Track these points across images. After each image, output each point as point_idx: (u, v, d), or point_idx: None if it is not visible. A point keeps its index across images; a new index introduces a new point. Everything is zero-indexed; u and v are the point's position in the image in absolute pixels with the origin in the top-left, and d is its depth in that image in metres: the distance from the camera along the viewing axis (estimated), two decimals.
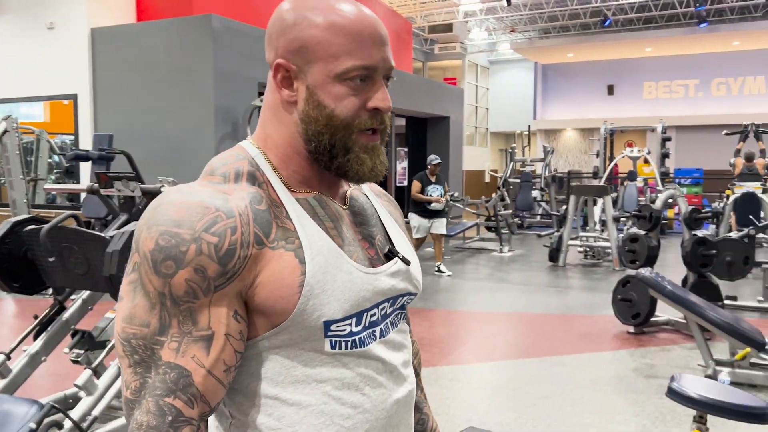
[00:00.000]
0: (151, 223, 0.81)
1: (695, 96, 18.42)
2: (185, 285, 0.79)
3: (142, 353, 0.79)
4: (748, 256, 5.75)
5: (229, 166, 0.88)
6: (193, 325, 0.80)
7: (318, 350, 0.86)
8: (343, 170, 0.91)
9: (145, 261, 0.80)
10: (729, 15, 16.87)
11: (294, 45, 0.88)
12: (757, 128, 10.23)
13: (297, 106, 0.89)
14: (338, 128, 0.88)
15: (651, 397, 3.77)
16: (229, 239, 0.80)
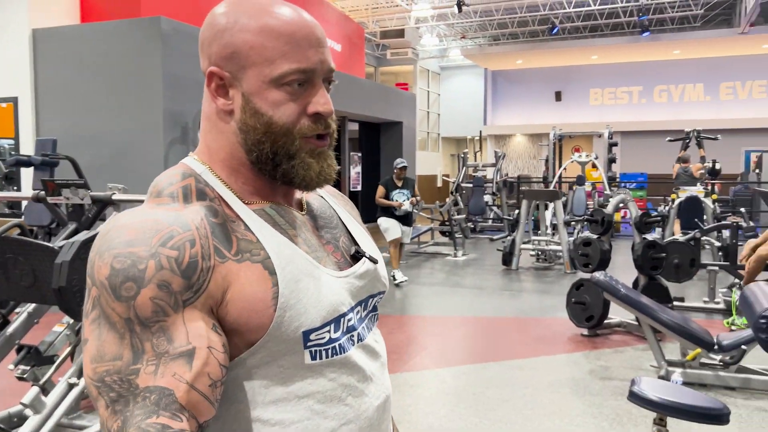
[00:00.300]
0: (102, 250, 0.76)
1: (639, 102, 19.00)
2: (151, 304, 0.73)
3: (118, 389, 0.73)
4: (695, 259, 5.93)
5: (176, 185, 0.84)
6: (170, 344, 0.74)
7: (298, 364, 0.83)
8: (288, 177, 0.87)
9: (104, 290, 0.74)
10: (670, 25, 17.49)
11: (226, 51, 0.84)
12: (699, 134, 10.59)
13: (234, 115, 0.85)
14: (278, 135, 0.84)
15: (608, 399, 3.83)
16: (189, 252, 0.76)
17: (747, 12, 13.87)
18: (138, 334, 0.73)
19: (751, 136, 16.60)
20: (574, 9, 15.98)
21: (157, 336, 0.74)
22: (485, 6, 16.08)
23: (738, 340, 3.91)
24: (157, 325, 0.74)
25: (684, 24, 17.39)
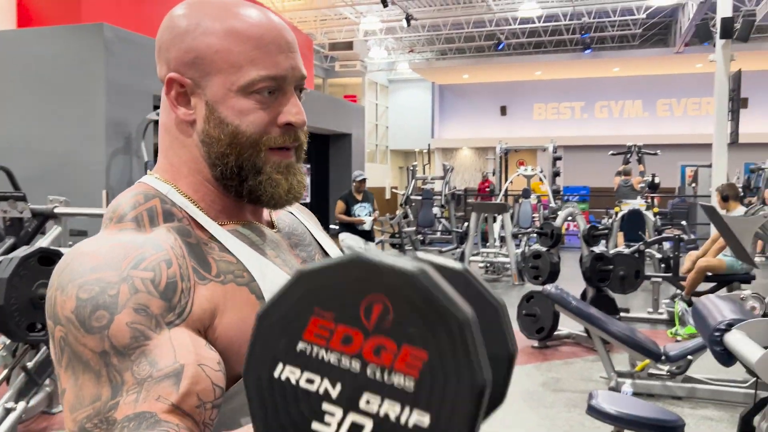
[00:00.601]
0: (64, 283, 0.68)
1: (581, 117, 19.53)
2: (128, 329, 0.65)
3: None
4: (639, 270, 6.08)
5: (140, 208, 0.76)
6: (152, 367, 0.65)
7: None
8: (255, 194, 0.80)
9: (71, 326, 0.66)
10: (610, 43, 18.09)
11: (188, 56, 0.76)
12: (639, 149, 10.95)
13: (196, 126, 0.78)
14: (244, 147, 0.77)
15: (561, 411, 3.85)
16: (166, 272, 0.69)
17: (682, 32, 14.47)
18: (115, 366, 0.65)
19: (686, 151, 17.25)
20: (520, 26, 16.35)
21: (137, 363, 0.65)
22: (433, 20, 16.28)
23: (684, 351, 4.00)
24: (138, 350, 0.66)
25: (623, 42, 18.02)
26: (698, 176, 14.07)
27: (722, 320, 2.21)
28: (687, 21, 13.54)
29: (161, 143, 0.83)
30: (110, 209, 0.78)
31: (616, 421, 2.33)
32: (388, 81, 21.82)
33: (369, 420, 0.41)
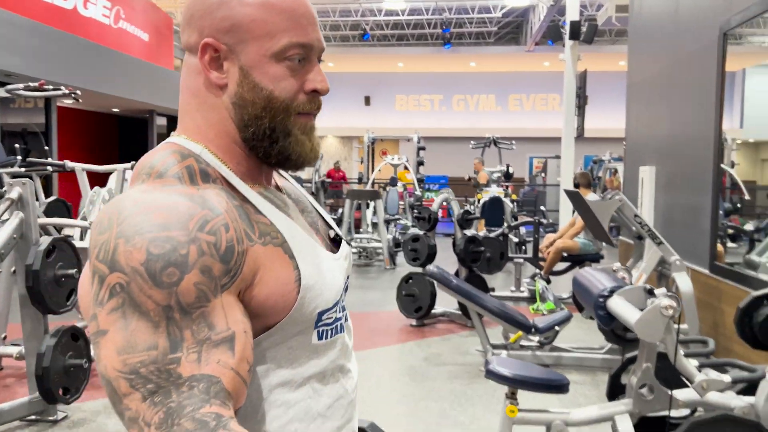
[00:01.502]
0: (129, 234, 0.69)
1: (440, 110, 20.35)
2: (195, 289, 0.69)
3: (156, 380, 0.67)
4: (504, 252, 6.53)
5: (179, 165, 0.78)
6: (210, 330, 0.70)
7: (305, 345, 0.83)
8: (285, 155, 0.85)
9: (137, 276, 0.68)
10: (468, 39, 18.99)
11: (225, 23, 0.80)
12: (497, 142, 11.68)
13: (227, 90, 0.82)
14: (278, 111, 0.83)
15: (444, 383, 4.10)
16: (225, 236, 0.73)
17: (533, 33, 15.55)
18: (177, 321, 0.69)
19: (534, 143, 18.57)
20: (384, 17, 16.70)
21: (197, 323, 0.69)
22: None
23: (551, 323, 4.40)
24: (199, 311, 0.70)
25: (480, 39, 19.00)
26: (547, 167, 15.23)
27: (604, 288, 2.50)
28: (538, 22, 14.57)
29: (186, 106, 0.85)
30: (145, 165, 0.79)
31: (513, 383, 2.55)
32: None
33: None
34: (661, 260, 4.46)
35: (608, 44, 16.93)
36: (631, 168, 7.05)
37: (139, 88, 11.61)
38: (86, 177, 4.53)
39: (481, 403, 3.76)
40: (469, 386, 4.05)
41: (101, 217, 0.73)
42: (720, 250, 4.80)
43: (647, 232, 4.43)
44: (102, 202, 4.07)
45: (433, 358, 4.65)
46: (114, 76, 10.74)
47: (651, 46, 6.65)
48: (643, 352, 2.55)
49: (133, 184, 0.79)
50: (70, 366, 3.38)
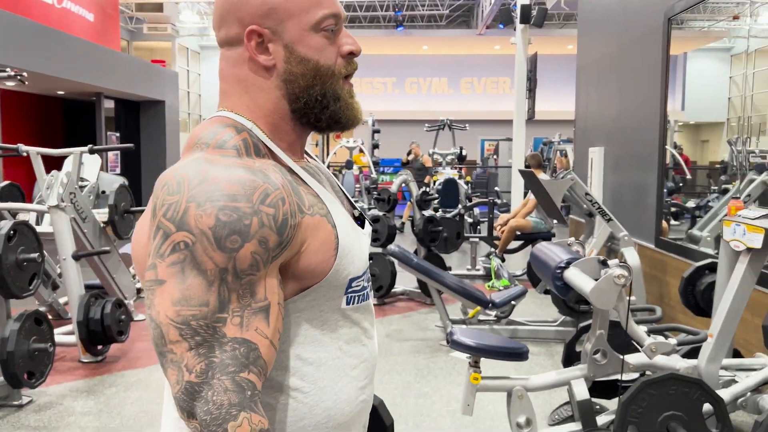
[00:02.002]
0: (202, 200, 0.77)
1: (393, 93, 20.41)
2: (250, 258, 0.77)
3: (203, 333, 0.75)
4: (460, 232, 6.71)
5: (237, 138, 0.86)
6: (252, 298, 0.78)
7: (335, 309, 0.91)
8: (335, 118, 0.93)
9: (204, 238, 0.76)
10: (420, 22, 19.07)
11: (263, 8, 0.88)
12: (450, 124, 11.84)
13: (276, 69, 0.90)
14: (326, 77, 0.91)
15: (408, 357, 4.23)
16: (282, 210, 0.81)
17: (484, 16, 15.73)
18: (228, 283, 0.76)
19: (485, 126, 18.85)
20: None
21: (243, 288, 0.77)
22: None
23: (508, 297, 4.57)
24: (248, 278, 0.78)
25: (431, 22, 19.10)
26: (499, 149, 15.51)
27: (561, 260, 2.64)
28: (489, 5, 14.75)
29: (230, 90, 0.93)
30: (204, 135, 0.87)
31: (476, 351, 2.68)
32: (200, 47, 20.96)
33: None
34: (611, 236, 4.68)
35: (557, 28, 17.28)
36: (581, 149, 7.30)
37: (84, 69, 11.30)
38: (41, 161, 4.45)
39: (442, 375, 3.91)
40: (430, 360, 4.20)
41: (169, 179, 0.80)
42: (665, 227, 5.06)
43: (597, 210, 4.64)
44: (60, 185, 4.02)
45: (395, 334, 4.78)
46: (58, 57, 10.43)
47: (599, 30, 6.87)
48: (597, 320, 2.71)
49: (191, 151, 0.86)
50: (35, 350, 3.37)
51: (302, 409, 0.88)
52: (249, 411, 0.75)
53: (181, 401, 0.76)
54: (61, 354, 4.18)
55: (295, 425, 0.88)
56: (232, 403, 0.74)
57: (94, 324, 3.95)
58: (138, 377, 3.84)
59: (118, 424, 3.22)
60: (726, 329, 2.75)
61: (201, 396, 0.75)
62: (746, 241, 2.68)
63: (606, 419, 2.78)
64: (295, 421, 0.88)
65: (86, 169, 4.77)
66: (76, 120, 14.93)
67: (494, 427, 3.20)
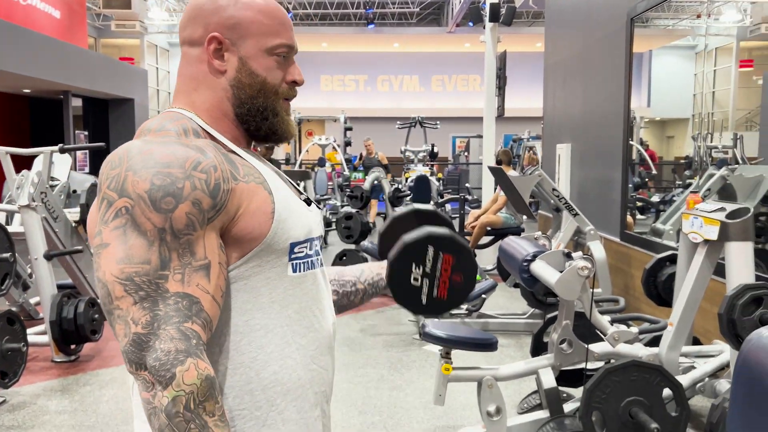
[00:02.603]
0: (137, 168, 0.85)
1: (365, 90, 20.48)
2: (185, 218, 0.85)
3: (147, 288, 0.83)
4: None
5: (176, 123, 0.95)
6: (192, 257, 0.86)
7: (281, 276, 0.98)
8: (272, 130, 1.04)
9: (141, 201, 0.84)
10: (390, 19, 19.13)
11: (230, 22, 0.99)
12: (421, 121, 11.94)
13: (226, 75, 1.00)
14: (269, 93, 1.02)
15: (381, 351, 4.30)
16: (214, 176, 0.89)
17: (454, 14, 15.86)
18: (168, 243, 0.84)
19: (456, 123, 19.03)
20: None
21: (182, 248, 0.85)
22: None
23: (478, 291, 4.65)
24: (185, 237, 0.85)
25: (402, 20, 19.18)
26: (470, 146, 15.66)
27: (528, 253, 2.74)
28: (458, 4, 14.87)
29: (183, 87, 1.03)
30: (148, 125, 0.96)
31: (447, 342, 2.76)
32: (169, 44, 20.74)
33: None
34: (577, 230, 4.81)
35: (526, 26, 17.49)
36: (549, 145, 7.45)
37: (51, 67, 11.13)
38: (11, 161, 4.42)
39: (415, 367, 4.00)
40: (404, 353, 4.28)
41: (112, 158, 0.89)
42: (630, 221, 5.21)
43: (564, 205, 4.76)
44: (31, 185, 4.00)
45: (369, 329, 4.85)
46: (24, 54, 10.26)
47: (566, 29, 7.01)
48: (563, 311, 2.81)
49: (138, 137, 0.95)
50: (8, 350, 3.37)
51: (249, 373, 0.95)
52: (195, 357, 0.83)
53: (130, 353, 0.83)
54: (34, 354, 4.17)
55: (243, 388, 0.94)
56: (179, 350, 0.82)
57: (67, 323, 3.95)
58: (113, 375, 3.86)
59: (93, 422, 3.24)
60: (685, 318, 2.88)
61: (149, 345, 0.82)
62: (703, 233, 2.81)
63: (572, 406, 2.88)
64: (243, 384, 0.94)
65: (57, 169, 4.74)
66: (42, 118, 14.68)
67: (466, 417, 3.29)
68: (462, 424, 3.20)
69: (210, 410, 0.84)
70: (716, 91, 10.67)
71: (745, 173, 5.03)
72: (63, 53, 11.67)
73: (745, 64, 10.57)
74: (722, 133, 10.05)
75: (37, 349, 4.22)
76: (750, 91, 9.94)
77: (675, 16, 9.52)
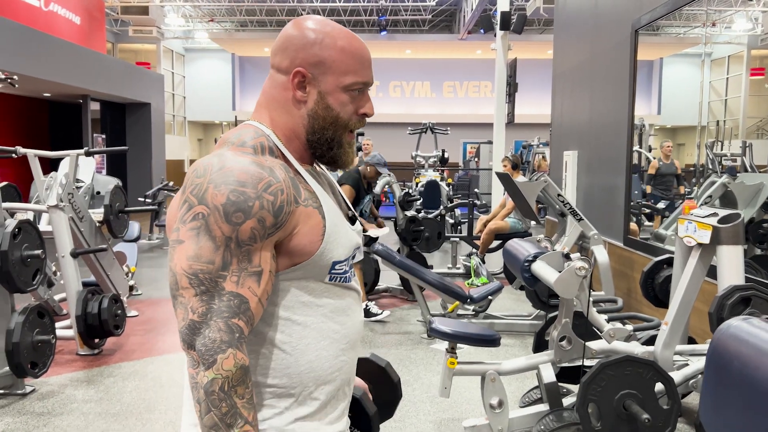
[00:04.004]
0: (218, 182, 1.01)
1: (376, 96, 20.64)
2: (250, 231, 1.01)
3: (207, 284, 0.99)
4: (441, 232, 6.96)
5: (256, 140, 1.10)
6: (249, 263, 1.02)
7: (321, 283, 1.14)
8: (334, 159, 1.18)
9: (216, 212, 1.00)
10: (403, 26, 19.33)
11: (314, 59, 1.12)
12: (432, 127, 12.10)
13: (306, 105, 1.14)
14: (339, 127, 1.16)
15: (390, 349, 4.47)
16: (280, 198, 1.04)
17: (466, 21, 16.03)
18: (231, 249, 1.00)
19: (467, 129, 19.21)
20: (320, 3, 16.83)
21: (242, 255, 1.01)
22: None
23: (485, 293, 4.83)
24: (246, 247, 1.01)
25: (414, 27, 19.37)
26: (480, 152, 15.81)
27: (529, 254, 2.90)
28: (470, 11, 15.05)
29: (267, 104, 1.17)
30: (232, 135, 1.12)
31: (452, 338, 2.93)
32: (185, 50, 21.06)
33: None
34: (582, 235, 4.96)
35: (537, 33, 17.63)
36: (557, 152, 7.59)
37: (71, 72, 11.42)
38: (38, 162, 4.63)
39: (422, 364, 4.16)
40: (412, 351, 4.44)
41: (198, 166, 1.05)
42: (635, 228, 5.35)
43: (569, 210, 4.91)
44: (59, 186, 4.21)
45: (378, 328, 5.02)
46: (45, 59, 10.55)
47: (573, 39, 7.17)
48: (563, 309, 2.97)
49: (220, 147, 1.11)
50: (38, 341, 3.56)
51: (288, 360, 1.11)
52: (235, 348, 0.99)
53: (184, 335, 1.00)
54: (59, 348, 4.37)
55: (284, 371, 1.12)
56: (223, 340, 0.99)
57: (91, 318, 4.15)
58: (134, 368, 4.05)
59: (118, 410, 3.42)
60: (679, 317, 3.02)
61: (200, 332, 0.99)
62: (697, 237, 2.96)
63: (571, 401, 3.03)
64: (283, 368, 1.11)
65: (81, 171, 4.95)
66: (61, 122, 15.00)
67: (470, 410, 3.45)
68: (466, 416, 3.36)
69: (240, 393, 1.00)
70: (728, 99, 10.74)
71: (746, 181, 5.16)
72: (82, 58, 11.96)
73: (756, 72, 10.65)
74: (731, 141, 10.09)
75: (62, 342, 4.43)
76: (761, 99, 10.01)
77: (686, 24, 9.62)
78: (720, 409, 1.29)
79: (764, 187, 4.68)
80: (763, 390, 1.14)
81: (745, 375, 1.20)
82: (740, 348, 1.23)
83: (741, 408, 1.20)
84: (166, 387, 3.73)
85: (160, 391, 3.68)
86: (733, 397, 1.23)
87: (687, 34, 10.17)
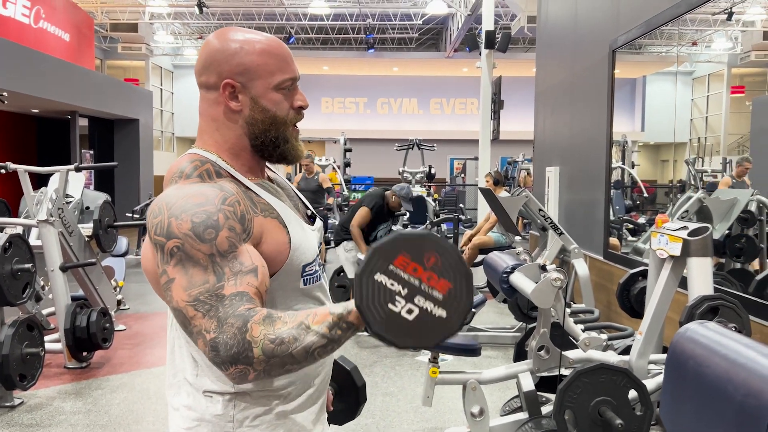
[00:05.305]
0: (178, 213, 1.05)
1: (364, 112, 20.85)
2: (227, 241, 1.06)
3: (210, 301, 1.02)
4: None
5: (200, 169, 1.15)
6: (241, 265, 1.07)
7: (295, 288, 1.21)
8: (284, 155, 1.23)
9: (188, 238, 1.04)
10: (390, 44, 19.57)
11: (239, 68, 1.17)
12: (419, 143, 12.26)
13: (242, 114, 1.19)
14: (279, 125, 1.21)
15: (375, 360, 4.55)
16: (239, 208, 1.10)
17: (452, 40, 16.28)
18: (219, 262, 1.05)
19: (454, 146, 19.37)
20: (309, 22, 17.02)
21: (232, 261, 1.06)
22: (224, 9, 16.27)
23: None
24: (232, 254, 1.07)
25: (401, 45, 19.61)
26: (466, 168, 15.98)
27: (507, 266, 3.00)
28: (456, 29, 15.28)
29: (205, 127, 1.23)
30: (176, 170, 1.16)
31: (434, 348, 3.02)
32: (173, 66, 21.17)
33: (417, 309, 0.91)
34: (562, 248, 5.08)
35: (522, 51, 17.90)
36: (539, 168, 7.74)
37: (60, 88, 11.47)
38: (28, 178, 4.70)
39: (407, 376, 4.24)
40: (396, 363, 4.52)
41: (153, 208, 1.09)
42: (616, 243, 5.48)
43: (549, 224, 5.04)
44: (49, 201, 4.28)
45: (363, 341, 5.09)
46: (34, 76, 10.60)
47: (555, 58, 7.35)
48: (541, 320, 3.07)
49: (168, 184, 1.15)
50: (27, 354, 3.61)
51: None
52: (249, 319, 0.98)
53: (215, 359, 0.98)
54: (47, 360, 4.40)
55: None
56: (237, 327, 0.99)
57: (80, 331, 4.19)
58: (122, 381, 4.10)
59: (106, 422, 3.47)
60: (653, 327, 3.13)
61: (218, 344, 1.00)
62: (669, 249, 3.08)
63: (550, 409, 3.13)
64: None
65: (71, 186, 5.02)
66: (49, 138, 15.01)
67: (452, 419, 3.53)
68: (449, 425, 3.44)
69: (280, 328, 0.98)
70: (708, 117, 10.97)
71: (722, 196, 5.31)
72: (71, 75, 12.02)
73: (737, 90, 10.90)
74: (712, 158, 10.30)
75: (50, 355, 4.47)
76: (742, 116, 10.24)
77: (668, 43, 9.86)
78: (677, 404, 1.39)
79: (738, 202, 4.82)
80: (712, 385, 1.25)
81: (698, 373, 1.30)
82: (695, 349, 1.34)
83: (695, 402, 1.30)
84: (153, 399, 3.78)
85: (148, 403, 3.73)
86: (688, 392, 1.33)
87: (669, 53, 10.40)
